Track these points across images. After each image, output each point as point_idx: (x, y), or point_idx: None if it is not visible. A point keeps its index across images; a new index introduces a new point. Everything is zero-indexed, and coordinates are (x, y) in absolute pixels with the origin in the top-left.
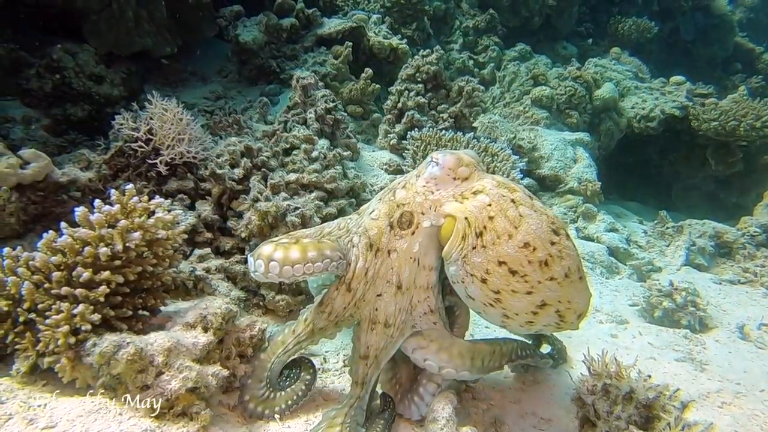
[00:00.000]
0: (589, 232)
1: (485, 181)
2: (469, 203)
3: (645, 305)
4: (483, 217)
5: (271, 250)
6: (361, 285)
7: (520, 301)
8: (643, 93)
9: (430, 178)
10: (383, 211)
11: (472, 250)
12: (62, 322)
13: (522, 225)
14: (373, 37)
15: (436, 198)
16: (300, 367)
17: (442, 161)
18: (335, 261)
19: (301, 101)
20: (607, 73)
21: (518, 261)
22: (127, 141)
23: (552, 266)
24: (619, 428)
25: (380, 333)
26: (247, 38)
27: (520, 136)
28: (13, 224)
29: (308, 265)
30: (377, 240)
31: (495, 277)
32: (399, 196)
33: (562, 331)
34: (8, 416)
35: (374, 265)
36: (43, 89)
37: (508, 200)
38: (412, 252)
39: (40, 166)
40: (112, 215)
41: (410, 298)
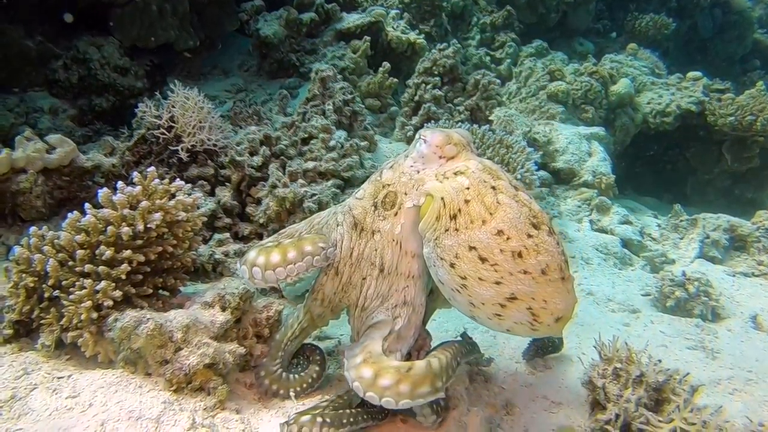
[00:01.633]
0: (603, 224)
1: (470, 163)
2: (449, 183)
3: (657, 295)
4: (459, 200)
5: (254, 255)
6: (347, 267)
7: (487, 290)
8: (659, 89)
9: (418, 156)
10: (369, 192)
11: (445, 232)
12: (85, 297)
13: (498, 212)
14: (391, 32)
15: (421, 177)
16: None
17: (429, 138)
18: (317, 255)
19: (320, 93)
20: (624, 68)
21: (489, 248)
22: (150, 128)
23: (526, 259)
24: (629, 411)
25: (357, 317)
26: (268, 32)
27: (536, 130)
28: (39, 207)
29: (290, 266)
30: (361, 219)
31: (463, 262)
32: (385, 177)
33: (539, 334)
34: (33, 386)
35: (359, 246)
36: (70, 80)
37: (488, 186)
38: (394, 234)
39: (65, 152)
40: (134, 196)
41: (390, 284)
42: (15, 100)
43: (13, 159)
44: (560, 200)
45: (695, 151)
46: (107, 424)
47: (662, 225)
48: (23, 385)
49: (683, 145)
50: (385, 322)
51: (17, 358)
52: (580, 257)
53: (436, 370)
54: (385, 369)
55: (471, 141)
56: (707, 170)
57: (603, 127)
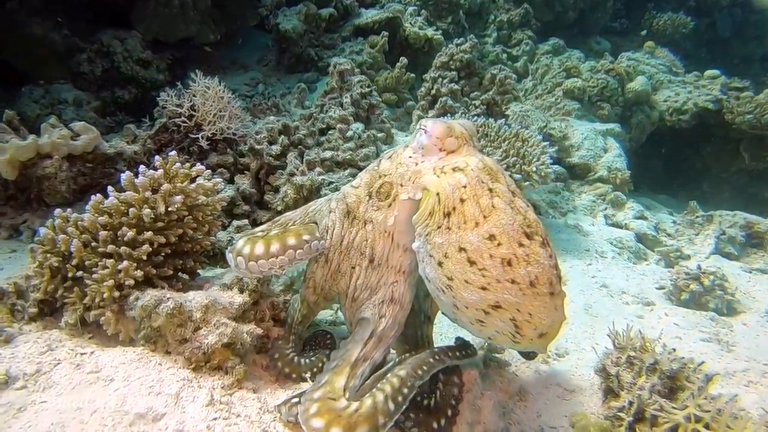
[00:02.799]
0: (618, 219)
1: (470, 160)
2: (446, 179)
3: (672, 288)
4: (455, 198)
5: (241, 245)
6: (336, 255)
7: (472, 294)
8: (677, 86)
9: (418, 147)
10: (365, 180)
11: (437, 229)
12: (108, 277)
13: (492, 216)
14: (409, 28)
15: (418, 169)
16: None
17: (430, 129)
18: (301, 248)
19: (338, 86)
20: (641, 66)
21: (479, 251)
22: (171, 117)
23: (515, 268)
24: (643, 398)
25: (347, 308)
26: (287, 27)
27: (551, 125)
28: (63, 192)
29: (272, 259)
30: (354, 208)
31: (452, 262)
32: (383, 167)
33: (520, 347)
34: (57, 362)
35: (350, 234)
36: (94, 73)
37: (485, 188)
38: (386, 225)
39: (89, 138)
40: (156, 179)
41: (380, 276)
42: (41, 91)
43: (39, 144)
44: (575, 195)
45: (711, 149)
46: (128, 398)
47: (677, 221)
48: (47, 361)
49: (699, 144)
50: (369, 322)
51: (42, 335)
52: (594, 251)
53: (381, 407)
54: (335, 420)
55: (474, 134)
56: (723, 168)
57: (619, 124)
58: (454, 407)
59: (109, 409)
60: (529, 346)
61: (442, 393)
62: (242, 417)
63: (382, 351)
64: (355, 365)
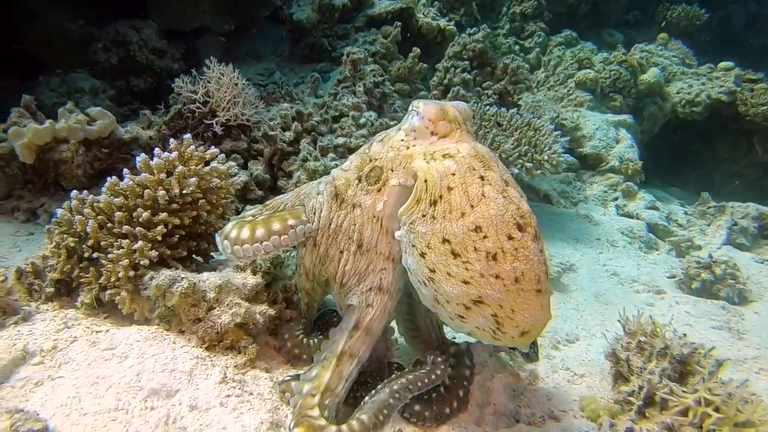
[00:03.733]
0: (629, 209)
1: (462, 146)
2: (435, 165)
3: (683, 277)
4: (442, 185)
5: (229, 228)
6: (324, 239)
7: (454, 288)
8: (690, 78)
9: (410, 129)
10: (355, 164)
11: (422, 217)
12: (123, 257)
13: (480, 206)
14: (421, 18)
15: (409, 153)
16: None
17: (422, 110)
18: (285, 234)
19: (351, 75)
20: (653, 58)
21: (463, 244)
22: (186, 103)
23: (501, 263)
24: (653, 382)
25: (336, 293)
26: (301, 17)
27: (563, 116)
28: (80, 176)
29: (256, 245)
30: (343, 190)
31: (434, 253)
32: (374, 150)
33: (501, 344)
34: (73, 339)
35: (338, 217)
36: (110, 62)
37: (476, 175)
38: (375, 210)
39: (105, 123)
40: (170, 161)
41: (368, 261)
42: (58, 80)
43: (55, 129)
44: (586, 185)
45: (724, 141)
46: (142, 374)
47: (689, 212)
48: (64, 338)
49: (712, 136)
50: (354, 310)
51: (58, 314)
52: (606, 240)
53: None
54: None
55: (468, 118)
56: (736, 161)
57: (631, 115)
58: (466, 388)
59: (124, 384)
60: (509, 344)
61: (452, 375)
62: (255, 395)
63: (369, 345)
64: (341, 359)
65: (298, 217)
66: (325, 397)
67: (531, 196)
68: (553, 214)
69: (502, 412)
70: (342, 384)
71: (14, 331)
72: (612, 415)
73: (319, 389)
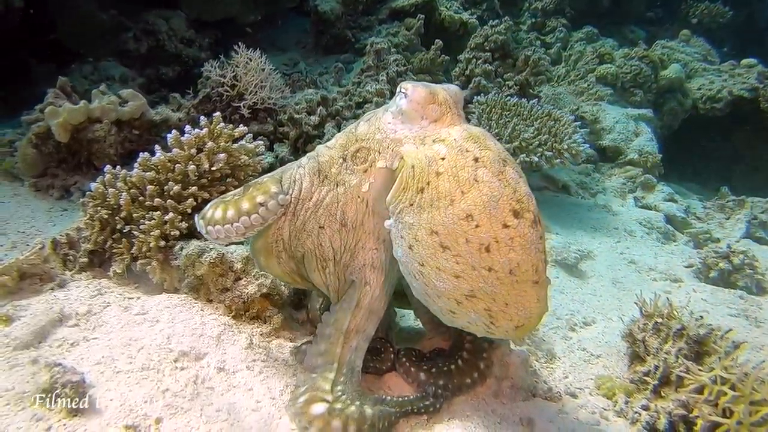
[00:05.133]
0: (647, 201)
1: (453, 130)
2: (424, 150)
3: (700, 266)
4: (430, 171)
5: (206, 208)
6: (303, 211)
7: (445, 283)
8: (711, 75)
9: (397, 112)
10: (340, 142)
11: (409, 206)
12: (154, 228)
13: (472, 191)
14: (444, 11)
15: (398, 137)
16: None
17: (411, 93)
18: (256, 212)
19: (374, 65)
20: (675, 54)
21: (453, 235)
22: (215, 87)
23: (494, 255)
24: (669, 362)
25: (332, 272)
26: (326, 8)
27: (583, 109)
28: (111, 155)
29: (227, 226)
30: (326, 168)
31: (422, 246)
32: (360, 130)
33: (494, 337)
34: (107, 304)
35: (319, 192)
36: (139, 51)
37: (469, 158)
38: (360, 191)
39: (136, 105)
40: (201, 138)
41: (357, 239)
42: (90, 68)
43: (89, 109)
44: (605, 177)
45: (745, 137)
46: (172, 338)
47: (708, 205)
48: (98, 303)
49: (733, 132)
50: (354, 287)
51: (92, 282)
52: (623, 229)
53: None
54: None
55: (460, 101)
56: (757, 157)
57: (651, 110)
58: (487, 360)
59: (155, 346)
60: (503, 337)
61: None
62: (279, 361)
63: (375, 323)
64: (348, 335)
65: (267, 192)
66: (339, 374)
67: (550, 186)
68: (571, 204)
69: (519, 386)
70: (354, 354)
71: (51, 296)
72: (627, 393)
73: (332, 365)
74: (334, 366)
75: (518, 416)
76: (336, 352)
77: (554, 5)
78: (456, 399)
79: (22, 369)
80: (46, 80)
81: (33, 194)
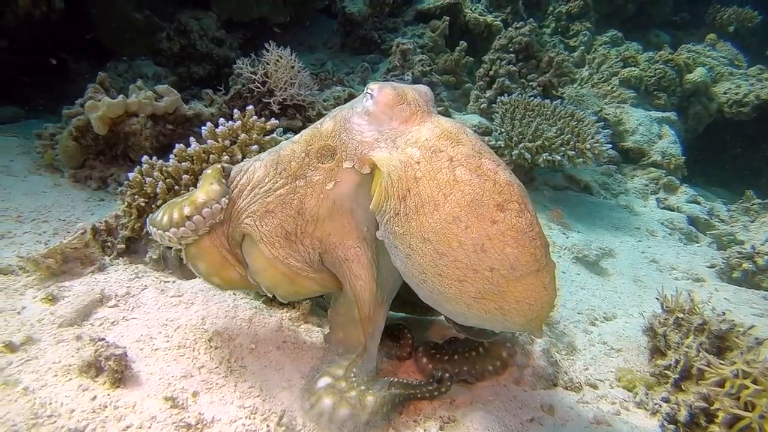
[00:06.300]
0: (670, 202)
1: (424, 128)
2: (397, 155)
3: (723, 266)
4: (408, 177)
5: (155, 212)
6: (251, 196)
7: (449, 288)
8: (738, 79)
9: (363, 113)
10: (304, 137)
11: (395, 216)
12: None
13: (454, 193)
14: (469, 14)
15: (366, 140)
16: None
17: (377, 94)
18: (199, 214)
19: (400, 64)
20: (701, 58)
21: (446, 240)
22: (246, 83)
23: (490, 253)
24: (690, 355)
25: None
26: (353, 10)
27: (606, 111)
28: (147, 148)
29: (173, 230)
30: (285, 161)
31: (418, 255)
32: (325, 127)
33: (512, 331)
34: (144, 287)
35: (274, 181)
36: (172, 50)
37: (443, 159)
38: (324, 188)
39: (171, 100)
40: (234, 130)
41: (324, 231)
42: (124, 66)
43: (127, 103)
44: (627, 178)
45: None
46: (207, 319)
47: (732, 208)
48: (136, 286)
49: (759, 137)
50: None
51: (129, 266)
52: (645, 229)
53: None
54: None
55: (430, 100)
56: None
57: (675, 113)
58: (510, 349)
59: (190, 327)
60: (523, 330)
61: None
62: (308, 344)
63: (382, 313)
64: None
65: (207, 192)
66: (353, 363)
67: (572, 185)
68: (592, 204)
69: (540, 375)
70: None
71: (92, 279)
72: (648, 386)
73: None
74: (349, 354)
75: (539, 402)
76: (352, 339)
77: (579, 9)
78: (479, 384)
79: (68, 344)
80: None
81: (72, 185)
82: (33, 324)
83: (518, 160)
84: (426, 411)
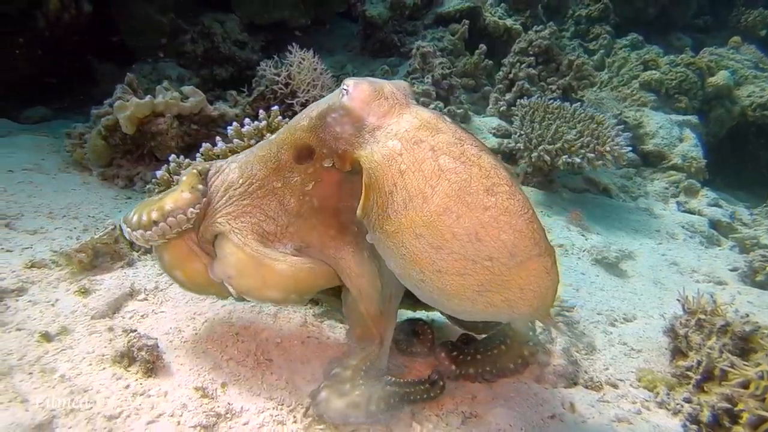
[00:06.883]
0: (691, 206)
1: (403, 121)
2: (379, 149)
3: (747, 269)
4: (392, 172)
5: (129, 212)
6: (226, 197)
7: (450, 284)
8: (763, 82)
9: (340, 109)
10: (280, 137)
11: (383, 214)
12: None
13: (441, 183)
14: (489, 17)
15: (344, 137)
16: None
17: (353, 91)
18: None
19: (420, 67)
20: (724, 61)
21: (439, 233)
22: (269, 85)
23: (486, 241)
24: (712, 357)
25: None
26: (374, 13)
27: (626, 114)
28: (173, 148)
29: (149, 231)
30: (261, 161)
31: (414, 252)
32: (301, 125)
33: (520, 320)
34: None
35: (249, 183)
36: (195, 52)
37: (425, 149)
38: (304, 189)
39: (197, 100)
40: (260, 129)
41: (310, 226)
42: (149, 68)
43: (154, 103)
44: (647, 181)
45: None
46: (233, 313)
47: (756, 212)
48: (164, 280)
49: None
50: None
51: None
52: (665, 232)
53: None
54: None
55: (409, 93)
56: None
57: (697, 116)
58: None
59: (218, 320)
60: (532, 318)
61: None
62: (332, 339)
63: (393, 309)
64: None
65: (175, 200)
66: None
67: (591, 188)
68: (612, 206)
69: (561, 373)
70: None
71: (121, 273)
72: (669, 386)
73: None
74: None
75: (560, 400)
76: (368, 334)
77: (599, 13)
78: (500, 381)
79: (100, 335)
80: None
81: (100, 183)
82: (67, 315)
83: (538, 163)
84: (448, 406)
